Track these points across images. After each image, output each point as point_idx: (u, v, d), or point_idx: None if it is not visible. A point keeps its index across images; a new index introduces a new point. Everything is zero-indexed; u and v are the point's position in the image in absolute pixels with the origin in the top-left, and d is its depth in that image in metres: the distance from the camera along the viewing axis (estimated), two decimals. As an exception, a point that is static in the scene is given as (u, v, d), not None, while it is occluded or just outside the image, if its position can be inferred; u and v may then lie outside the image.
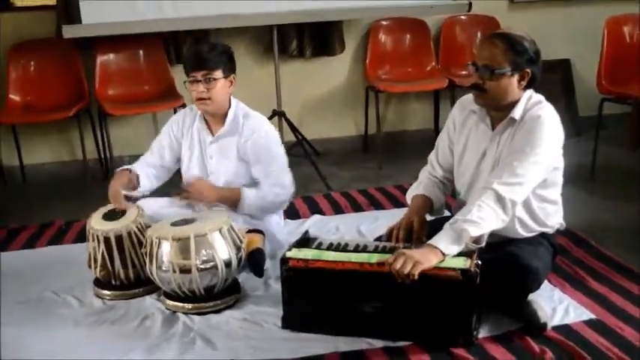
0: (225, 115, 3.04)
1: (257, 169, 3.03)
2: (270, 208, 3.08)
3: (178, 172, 3.22)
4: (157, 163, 3.14)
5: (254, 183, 3.05)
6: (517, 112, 2.48)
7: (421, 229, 2.54)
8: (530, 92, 2.53)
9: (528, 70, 2.45)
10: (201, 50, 2.96)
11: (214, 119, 3.07)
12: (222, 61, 2.95)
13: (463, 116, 2.66)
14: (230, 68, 2.99)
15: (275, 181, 3.02)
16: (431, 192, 2.71)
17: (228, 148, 3.05)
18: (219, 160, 3.07)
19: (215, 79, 2.92)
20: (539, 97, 2.55)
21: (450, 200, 2.93)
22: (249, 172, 3.05)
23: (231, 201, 2.99)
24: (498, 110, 2.53)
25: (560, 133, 2.50)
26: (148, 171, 3.10)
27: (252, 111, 3.10)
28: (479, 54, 2.49)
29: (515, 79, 2.45)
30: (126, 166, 3.09)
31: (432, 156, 2.81)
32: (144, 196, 3.09)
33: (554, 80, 5.13)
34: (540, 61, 2.50)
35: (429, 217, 2.69)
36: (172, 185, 3.22)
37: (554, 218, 2.64)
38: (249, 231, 2.94)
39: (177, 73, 4.73)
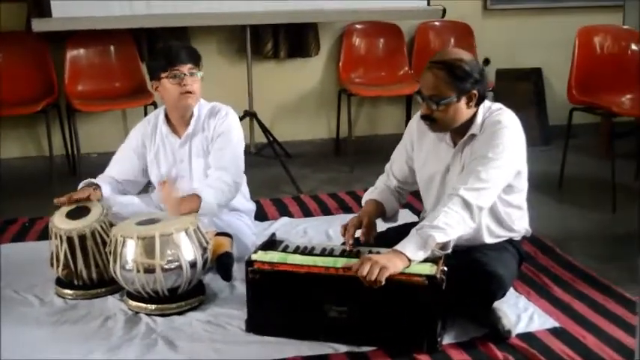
0: (192, 115, 3.02)
1: (212, 152, 2.99)
2: (227, 196, 2.93)
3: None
4: (118, 177, 3.07)
5: None
6: (476, 128, 2.48)
7: (369, 230, 2.56)
8: (487, 104, 2.52)
9: (475, 91, 2.43)
10: (183, 46, 3.00)
11: (181, 120, 3.04)
12: (199, 58, 2.98)
13: (421, 132, 2.64)
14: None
15: (223, 164, 2.95)
16: (384, 198, 2.71)
17: (199, 147, 3.03)
18: (191, 161, 3.04)
19: (197, 74, 2.95)
20: (498, 105, 2.55)
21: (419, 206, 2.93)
22: None
23: (193, 209, 2.80)
24: (454, 129, 2.52)
25: (522, 137, 2.50)
26: (111, 184, 3.03)
27: (215, 103, 3.09)
28: (422, 84, 2.46)
29: (462, 102, 2.43)
30: (89, 180, 3.00)
31: (387, 167, 2.81)
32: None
33: (526, 88, 5.18)
34: (485, 77, 2.47)
35: (386, 225, 2.75)
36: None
37: (519, 223, 2.64)
38: (218, 234, 2.91)
39: (149, 71, 4.70)
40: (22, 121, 4.66)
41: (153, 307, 2.64)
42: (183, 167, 3.05)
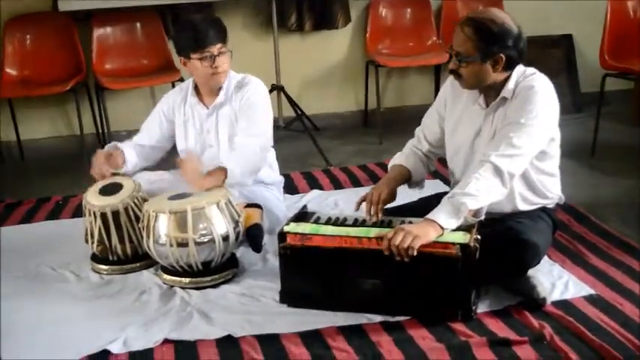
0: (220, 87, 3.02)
1: (240, 121, 2.98)
2: (253, 163, 2.94)
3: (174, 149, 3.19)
4: (146, 143, 3.10)
5: None
6: (507, 91, 2.44)
7: (385, 200, 2.54)
8: (521, 68, 2.48)
9: (502, 55, 2.37)
10: (210, 22, 2.94)
11: (210, 92, 3.04)
12: (226, 33, 2.96)
13: (456, 93, 2.61)
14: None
15: (251, 131, 2.94)
16: (411, 164, 2.69)
17: (226, 118, 3.02)
18: (218, 131, 3.04)
19: (226, 52, 2.93)
20: (532, 69, 2.51)
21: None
22: None
23: (217, 184, 2.79)
24: (486, 91, 2.48)
25: (555, 103, 2.46)
26: (136, 150, 3.07)
27: (245, 75, 3.08)
28: (453, 39, 2.44)
29: (487, 65, 2.39)
30: (113, 143, 3.06)
31: (418, 130, 2.78)
32: (134, 173, 3.06)
33: (557, 56, 5.09)
34: (521, 41, 2.40)
35: (408, 190, 2.74)
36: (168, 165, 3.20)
37: (553, 189, 2.61)
38: (247, 205, 2.92)
39: (175, 47, 4.70)
40: (52, 101, 4.69)
41: (187, 280, 2.66)
42: (211, 137, 3.05)
